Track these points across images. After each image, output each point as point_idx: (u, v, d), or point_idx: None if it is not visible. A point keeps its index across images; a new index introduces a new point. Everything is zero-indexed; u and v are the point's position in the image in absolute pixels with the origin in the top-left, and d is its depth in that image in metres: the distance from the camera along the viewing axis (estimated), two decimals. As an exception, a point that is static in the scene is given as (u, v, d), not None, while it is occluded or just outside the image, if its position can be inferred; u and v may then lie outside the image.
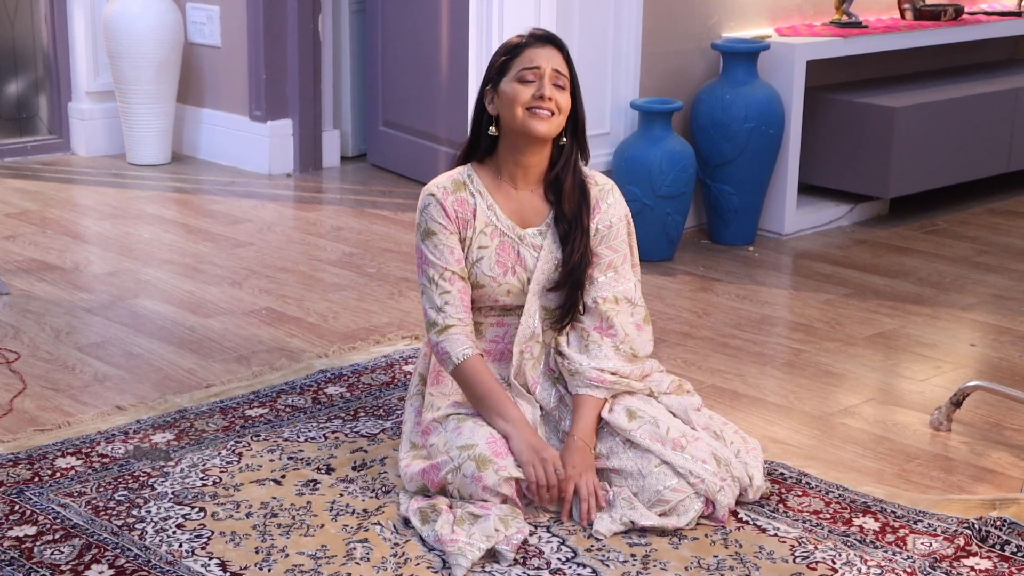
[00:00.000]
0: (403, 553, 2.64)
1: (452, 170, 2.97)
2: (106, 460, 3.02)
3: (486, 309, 2.96)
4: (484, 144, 2.94)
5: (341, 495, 2.87)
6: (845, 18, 5.30)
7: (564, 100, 2.86)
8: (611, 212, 2.95)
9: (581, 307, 2.94)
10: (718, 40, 4.95)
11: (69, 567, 2.56)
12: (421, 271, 2.92)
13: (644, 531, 2.73)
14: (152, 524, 2.73)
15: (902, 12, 5.54)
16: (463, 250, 2.90)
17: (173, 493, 2.87)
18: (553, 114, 2.84)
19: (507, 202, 2.93)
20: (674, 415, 2.92)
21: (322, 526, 2.74)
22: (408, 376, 3.53)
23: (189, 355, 3.74)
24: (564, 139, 2.92)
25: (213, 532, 2.70)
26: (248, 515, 2.78)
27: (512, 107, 2.85)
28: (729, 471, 2.81)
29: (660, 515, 2.74)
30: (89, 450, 3.07)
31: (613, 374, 2.91)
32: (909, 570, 2.61)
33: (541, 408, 2.95)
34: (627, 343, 2.93)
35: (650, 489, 2.77)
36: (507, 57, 2.87)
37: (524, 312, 2.93)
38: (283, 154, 5.88)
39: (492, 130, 2.90)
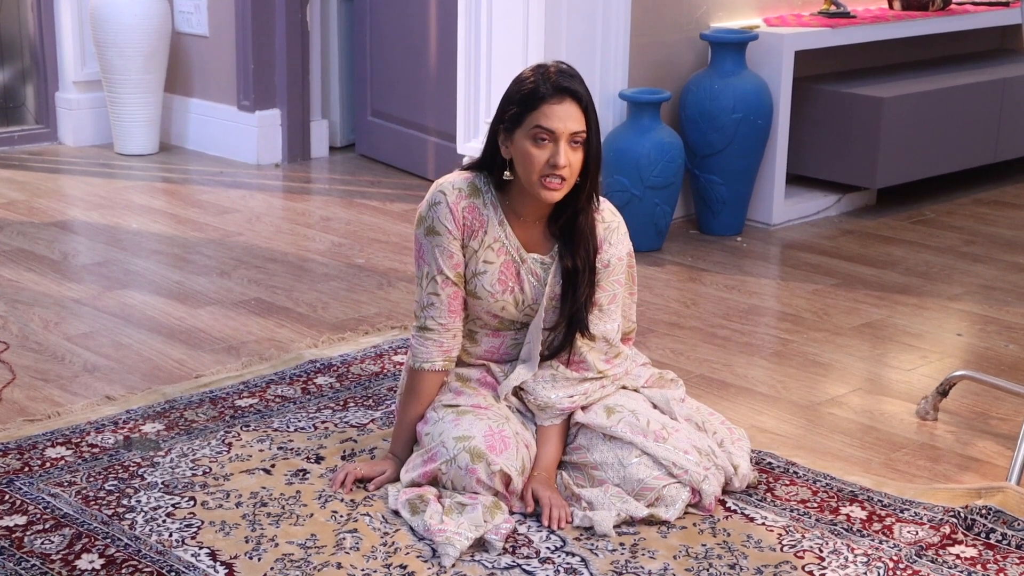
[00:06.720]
0: (393, 542, 2.65)
1: (469, 172, 2.87)
2: (96, 450, 3.03)
3: (482, 320, 2.93)
4: (496, 177, 2.83)
5: (331, 484, 2.88)
6: (833, 8, 5.30)
7: (578, 159, 2.75)
8: (611, 251, 2.88)
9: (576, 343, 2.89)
10: (706, 30, 4.95)
11: (59, 556, 2.56)
12: (417, 262, 2.88)
13: (633, 520, 2.74)
14: (142, 514, 2.73)
15: (890, 2, 5.54)
16: (465, 257, 2.85)
17: (163, 483, 2.87)
18: (565, 180, 2.74)
19: (513, 226, 2.86)
20: (655, 407, 2.92)
21: (312, 515, 2.75)
22: (398, 367, 3.54)
23: (178, 345, 3.74)
24: (578, 178, 2.79)
25: (203, 521, 2.71)
26: (238, 505, 2.78)
27: (525, 169, 2.74)
28: (712, 460, 2.82)
29: (648, 505, 2.75)
30: (79, 440, 3.07)
31: (584, 395, 2.89)
32: (895, 558, 2.63)
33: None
34: (594, 372, 2.91)
35: (632, 478, 2.77)
36: (521, 110, 2.73)
37: (526, 347, 2.90)
38: (271, 144, 5.88)
39: (507, 175, 2.79)
